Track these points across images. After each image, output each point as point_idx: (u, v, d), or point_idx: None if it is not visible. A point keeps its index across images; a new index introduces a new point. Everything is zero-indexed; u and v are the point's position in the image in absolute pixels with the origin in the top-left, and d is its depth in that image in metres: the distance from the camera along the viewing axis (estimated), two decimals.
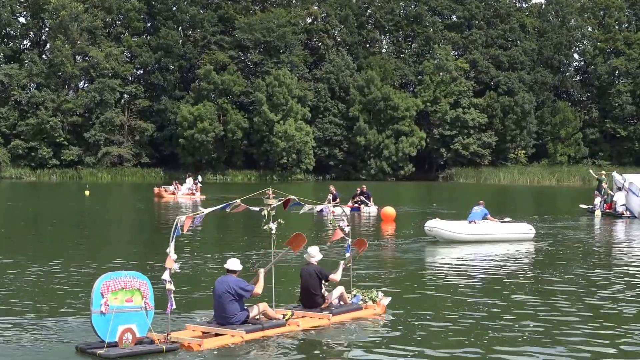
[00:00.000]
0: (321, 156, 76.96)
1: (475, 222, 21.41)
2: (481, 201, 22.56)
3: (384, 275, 14.87)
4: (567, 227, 26.28)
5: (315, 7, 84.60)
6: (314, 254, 11.01)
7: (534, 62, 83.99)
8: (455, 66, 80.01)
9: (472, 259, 18.18)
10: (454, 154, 78.61)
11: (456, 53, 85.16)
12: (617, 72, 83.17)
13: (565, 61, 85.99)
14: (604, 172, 37.47)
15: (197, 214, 9.46)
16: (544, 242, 21.10)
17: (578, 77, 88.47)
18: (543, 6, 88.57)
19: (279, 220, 10.47)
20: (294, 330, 9.97)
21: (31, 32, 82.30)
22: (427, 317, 11.03)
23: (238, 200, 10.09)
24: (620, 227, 27.09)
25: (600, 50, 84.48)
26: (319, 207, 11.42)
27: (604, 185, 32.87)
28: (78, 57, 78.86)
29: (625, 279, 14.81)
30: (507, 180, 72.60)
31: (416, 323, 10.61)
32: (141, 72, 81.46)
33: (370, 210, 31.66)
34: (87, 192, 44.19)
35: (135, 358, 8.77)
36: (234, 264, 9.91)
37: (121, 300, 8.94)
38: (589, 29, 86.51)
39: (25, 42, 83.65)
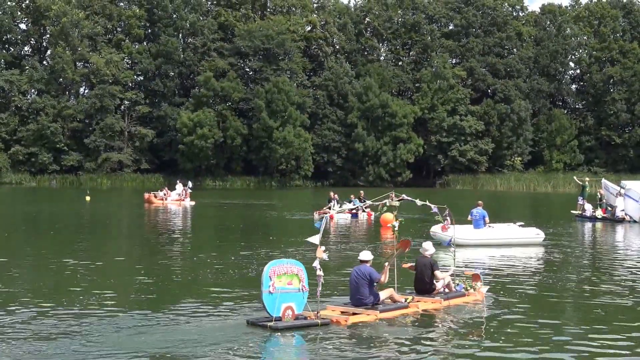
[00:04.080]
0: (320, 162, 77.58)
1: (491, 226, 21.85)
2: (480, 202, 22.70)
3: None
4: (569, 233, 26.68)
5: (315, 15, 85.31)
6: (427, 247, 12.91)
7: (530, 70, 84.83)
8: (453, 74, 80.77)
9: (511, 260, 18.71)
10: (451, 161, 79.33)
11: (453, 61, 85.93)
12: (612, 80, 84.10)
13: (561, 69, 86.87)
14: (587, 178, 38.23)
15: (329, 213, 11.84)
16: (552, 247, 21.23)
17: (574, 85, 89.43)
18: (539, 15, 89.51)
19: (400, 220, 12.96)
20: (415, 311, 11.86)
21: (32, 39, 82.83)
22: (516, 304, 12.72)
23: (369, 201, 12.24)
24: (620, 232, 27.70)
25: (596, 58, 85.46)
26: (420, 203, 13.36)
27: (601, 191, 33.54)
28: (79, 64, 79.25)
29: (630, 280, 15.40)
30: (504, 187, 73.29)
31: (509, 307, 12.44)
32: (141, 78, 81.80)
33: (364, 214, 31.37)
34: (87, 198, 44.52)
35: (297, 330, 10.49)
36: (366, 255, 11.83)
37: (284, 282, 10.72)
38: (585, 38, 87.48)
39: (26, 48, 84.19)
